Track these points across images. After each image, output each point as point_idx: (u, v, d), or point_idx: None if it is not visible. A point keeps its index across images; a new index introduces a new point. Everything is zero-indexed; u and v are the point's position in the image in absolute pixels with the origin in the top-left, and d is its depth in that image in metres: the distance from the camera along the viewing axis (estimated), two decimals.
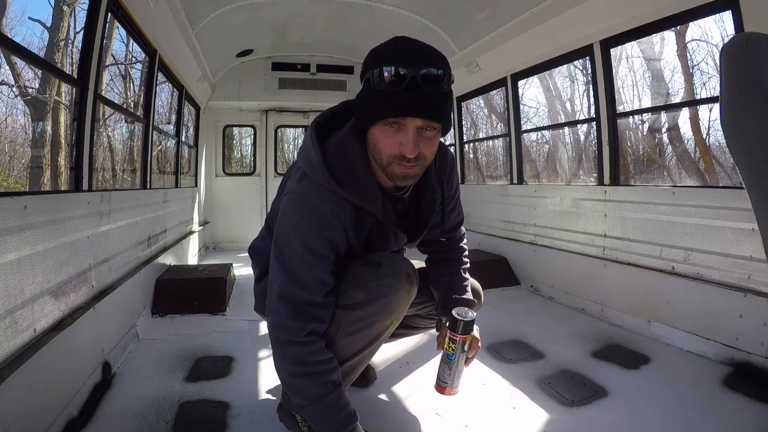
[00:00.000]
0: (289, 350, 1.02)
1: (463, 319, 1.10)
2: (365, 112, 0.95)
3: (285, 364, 1.03)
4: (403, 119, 0.90)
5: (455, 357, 1.12)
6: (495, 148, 5.56)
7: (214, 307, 2.50)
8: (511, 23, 2.95)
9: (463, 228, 1.41)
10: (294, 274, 1.01)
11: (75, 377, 1.41)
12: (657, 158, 4.90)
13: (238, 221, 4.92)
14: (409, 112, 0.88)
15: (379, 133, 0.94)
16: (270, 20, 3.72)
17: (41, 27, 4.18)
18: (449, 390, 1.16)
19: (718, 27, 3.47)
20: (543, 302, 2.81)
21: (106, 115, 4.03)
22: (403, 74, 0.86)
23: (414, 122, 0.90)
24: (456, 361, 1.13)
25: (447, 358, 1.14)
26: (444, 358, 1.15)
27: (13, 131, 4.19)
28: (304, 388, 1.02)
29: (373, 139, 0.96)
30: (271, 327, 1.05)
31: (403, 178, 0.97)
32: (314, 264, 1.01)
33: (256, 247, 1.31)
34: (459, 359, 1.13)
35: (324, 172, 0.99)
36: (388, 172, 0.97)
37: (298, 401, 1.05)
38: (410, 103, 0.87)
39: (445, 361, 1.15)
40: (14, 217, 1.22)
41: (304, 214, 1.01)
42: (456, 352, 1.12)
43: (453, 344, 1.12)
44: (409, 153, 0.90)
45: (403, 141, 0.91)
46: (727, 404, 1.47)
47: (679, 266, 2.11)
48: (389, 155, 0.94)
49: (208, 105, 4.69)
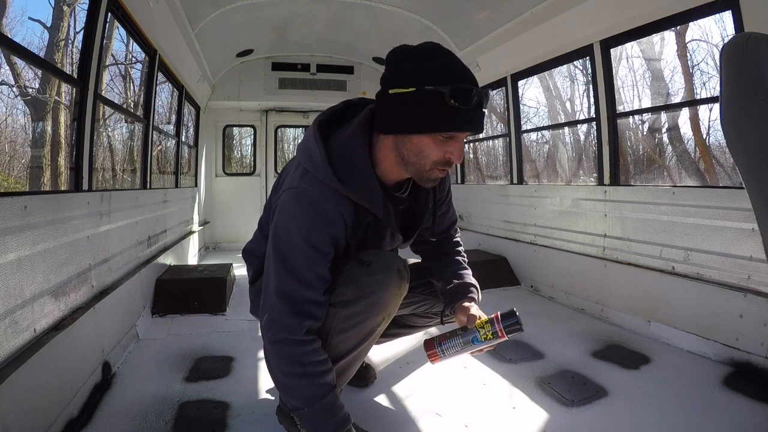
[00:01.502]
0: (286, 349, 1.01)
1: (518, 318, 1.07)
2: (421, 120, 0.95)
3: (281, 364, 1.02)
4: (462, 133, 0.98)
5: (479, 344, 1.08)
6: (495, 148, 5.56)
7: (214, 307, 2.50)
8: (511, 23, 2.94)
9: (457, 228, 1.44)
10: (294, 269, 1.00)
11: (75, 377, 1.40)
12: (657, 158, 4.90)
13: (238, 221, 4.92)
14: (473, 129, 0.97)
15: (430, 141, 0.98)
16: (270, 20, 3.72)
17: (41, 27, 4.19)
18: (438, 360, 1.12)
19: (718, 27, 3.48)
20: (543, 302, 2.81)
21: (106, 115, 4.03)
22: (473, 94, 0.93)
23: (465, 135, 0.99)
24: (476, 346, 1.09)
25: (470, 338, 1.09)
26: (465, 334, 1.10)
27: (13, 131, 4.20)
28: (301, 389, 1.01)
29: (420, 145, 0.98)
30: (267, 324, 1.02)
31: (435, 180, 1.04)
32: (316, 260, 1.01)
33: (249, 249, 1.31)
34: (478, 347, 1.09)
35: (327, 170, 1.00)
36: (426, 176, 1.03)
37: (293, 402, 1.03)
38: (475, 120, 0.96)
39: (464, 338, 1.10)
40: (14, 217, 1.22)
41: (306, 209, 1.01)
42: (484, 342, 1.08)
43: (490, 333, 1.07)
44: (458, 160, 1.00)
45: (452, 150, 0.98)
46: (727, 404, 1.47)
47: (679, 266, 2.11)
48: (435, 161, 1.00)
49: (208, 105, 4.69)
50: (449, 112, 0.93)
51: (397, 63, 0.98)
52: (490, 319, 1.10)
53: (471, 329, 1.10)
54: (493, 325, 1.08)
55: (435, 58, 0.96)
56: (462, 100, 0.92)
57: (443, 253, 1.38)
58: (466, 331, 1.11)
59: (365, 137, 1.05)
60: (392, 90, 0.96)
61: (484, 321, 1.10)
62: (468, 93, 0.92)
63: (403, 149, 1.01)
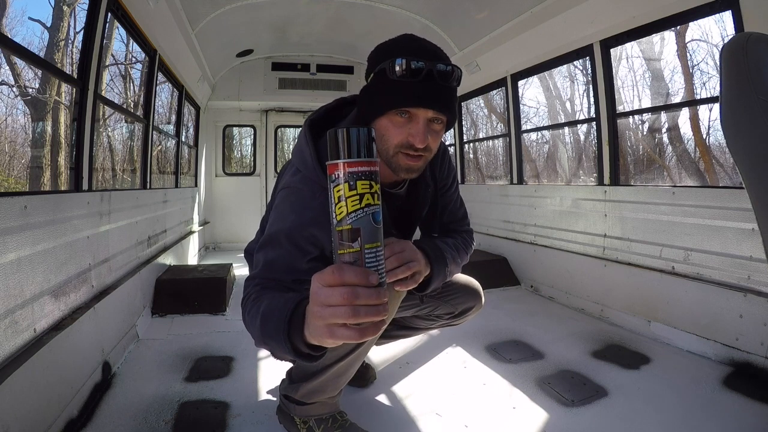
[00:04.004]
0: (251, 291, 0.92)
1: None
2: (375, 102, 0.94)
3: (245, 307, 0.91)
4: (416, 110, 0.91)
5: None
6: (495, 148, 5.56)
7: (214, 307, 2.50)
8: (511, 23, 2.94)
9: (468, 223, 1.33)
10: (270, 262, 0.97)
11: (75, 377, 1.40)
12: (657, 158, 4.90)
13: (238, 221, 4.93)
14: (424, 103, 0.90)
15: (388, 123, 0.93)
16: (270, 20, 3.72)
17: (41, 27, 4.18)
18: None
19: (718, 27, 3.47)
20: (543, 302, 2.81)
21: (106, 115, 4.02)
22: (419, 66, 0.88)
23: (425, 113, 0.91)
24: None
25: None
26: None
27: (13, 131, 4.19)
28: (253, 324, 0.85)
29: (380, 130, 0.95)
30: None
31: (407, 170, 0.97)
32: (295, 256, 0.97)
33: (251, 249, 1.31)
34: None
35: (316, 168, 0.99)
36: (393, 163, 0.96)
37: (256, 333, 0.84)
38: (426, 93, 0.89)
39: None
40: (14, 217, 1.22)
41: (294, 207, 1.00)
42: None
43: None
44: (419, 143, 0.91)
45: (413, 131, 0.91)
46: (727, 404, 1.47)
47: (679, 266, 2.11)
48: (397, 144, 0.94)
49: (208, 105, 4.69)
50: (394, 88, 0.89)
51: (369, 58, 0.98)
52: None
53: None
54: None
55: (394, 43, 0.95)
56: (406, 72, 0.88)
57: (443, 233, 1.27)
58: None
59: None
60: (365, 84, 0.98)
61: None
62: (410, 66, 0.87)
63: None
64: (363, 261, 0.54)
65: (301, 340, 0.68)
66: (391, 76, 0.89)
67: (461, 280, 1.43)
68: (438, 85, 0.90)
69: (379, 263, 0.55)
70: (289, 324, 0.70)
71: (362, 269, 0.53)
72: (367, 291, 0.53)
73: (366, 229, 0.54)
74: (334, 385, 1.21)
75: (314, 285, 0.57)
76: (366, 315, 0.53)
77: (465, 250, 1.23)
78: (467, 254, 1.24)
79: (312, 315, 0.59)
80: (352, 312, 0.53)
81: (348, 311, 0.53)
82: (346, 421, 1.28)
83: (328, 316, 0.55)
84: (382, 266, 0.56)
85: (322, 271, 0.55)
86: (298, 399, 1.25)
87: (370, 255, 0.54)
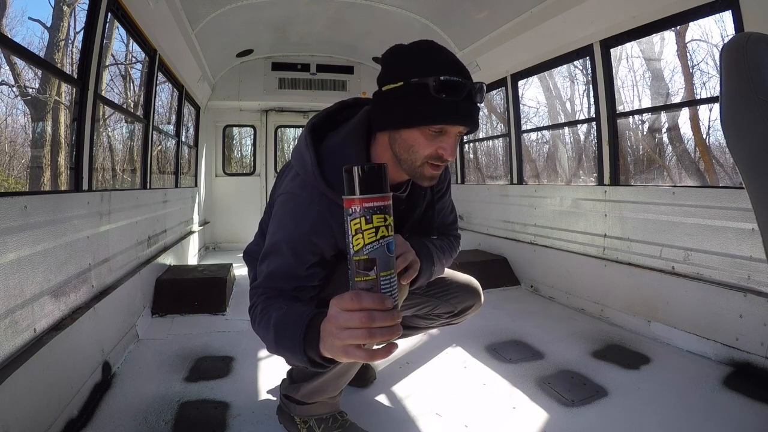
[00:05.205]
0: (258, 302, 0.97)
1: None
2: (409, 114, 0.94)
3: (254, 317, 0.96)
4: (452, 126, 0.94)
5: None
6: (495, 148, 5.56)
7: (214, 307, 2.50)
8: (511, 23, 2.94)
9: (457, 227, 1.38)
10: (272, 271, 1.00)
11: (75, 377, 1.40)
12: (657, 158, 4.90)
13: (238, 221, 4.93)
14: (465, 122, 0.94)
15: (419, 135, 0.95)
16: (270, 20, 3.72)
17: (41, 27, 4.18)
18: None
19: (718, 27, 3.47)
20: (543, 302, 2.81)
21: (106, 115, 4.02)
22: (463, 84, 0.91)
23: (457, 129, 0.95)
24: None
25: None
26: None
27: (13, 131, 4.19)
28: (266, 331, 0.90)
29: (409, 140, 0.96)
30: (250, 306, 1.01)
31: (431, 179, 1.01)
32: (294, 264, 0.99)
33: (250, 251, 1.30)
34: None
35: (316, 174, 0.99)
36: (418, 172, 0.99)
37: (266, 334, 0.90)
38: (466, 112, 0.93)
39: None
40: (14, 217, 1.22)
41: (293, 214, 1.01)
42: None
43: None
44: (450, 156, 0.96)
45: (443, 144, 0.95)
46: (727, 404, 1.47)
47: (679, 266, 2.11)
48: (426, 156, 0.96)
49: (208, 105, 4.69)
50: (436, 105, 0.91)
51: (390, 61, 0.98)
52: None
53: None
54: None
55: (425, 52, 0.96)
56: (449, 91, 0.90)
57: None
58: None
59: (362, 138, 1.04)
60: (384, 87, 0.97)
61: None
62: (455, 84, 0.90)
63: (395, 146, 1.00)
64: (379, 287, 0.60)
65: (317, 353, 0.74)
66: (434, 93, 0.90)
67: (461, 278, 1.43)
68: (474, 104, 0.95)
69: (393, 288, 0.61)
70: (304, 341, 0.77)
71: (378, 295, 0.60)
72: (382, 315, 0.59)
73: (381, 259, 0.59)
74: (335, 385, 1.21)
75: (333, 309, 0.63)
76: (381, 335, 0.59)
77: (450, 253, 1.27)
78: (452, 257, 1.28)
79: (330, 335, 0.66)
80: (368, 334, 0.59)
81: (365, 333, 0.59)
82: (347, 421, 1.28)
83: (346, 337, 0.61)
84: (396, 291, 0.62)
85: (341, 297, 0.61)
86: (299, 399, 1.25)
87: (385, 282, 0.60)
